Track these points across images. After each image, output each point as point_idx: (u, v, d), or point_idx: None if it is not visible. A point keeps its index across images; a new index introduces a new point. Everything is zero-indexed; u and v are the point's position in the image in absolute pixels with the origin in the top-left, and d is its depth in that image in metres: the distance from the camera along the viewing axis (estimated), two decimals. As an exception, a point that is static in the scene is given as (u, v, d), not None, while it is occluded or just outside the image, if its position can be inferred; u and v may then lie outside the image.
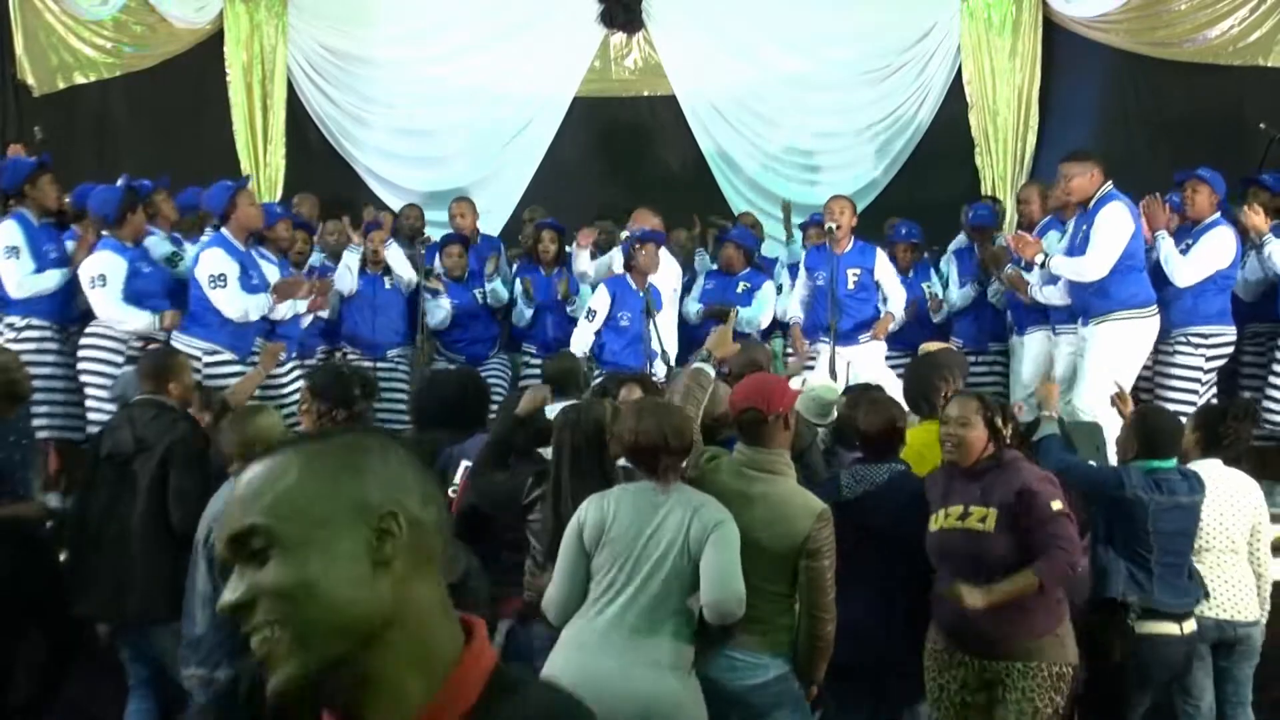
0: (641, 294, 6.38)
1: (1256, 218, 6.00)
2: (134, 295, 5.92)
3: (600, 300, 6.48)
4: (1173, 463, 4.06)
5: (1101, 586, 3.97)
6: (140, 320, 5.86)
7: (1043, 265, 5.88)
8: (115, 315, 5.82)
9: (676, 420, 3.33)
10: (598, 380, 5.37)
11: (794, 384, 4.18)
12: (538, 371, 6.93)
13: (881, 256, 6.94)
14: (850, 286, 6.82)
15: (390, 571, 1.16)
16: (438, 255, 7.33)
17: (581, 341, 6.42)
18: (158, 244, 6.29)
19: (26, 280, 5.87)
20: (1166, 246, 5.89)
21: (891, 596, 3.76)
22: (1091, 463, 4.36)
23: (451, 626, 1.22)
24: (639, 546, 3.17)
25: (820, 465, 4.27)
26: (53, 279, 5.92)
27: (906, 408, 4.33)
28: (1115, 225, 5.65)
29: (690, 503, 3.23)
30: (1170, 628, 3.95)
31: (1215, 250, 5.86)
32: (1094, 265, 5.64)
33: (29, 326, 5.93)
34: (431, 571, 1.21)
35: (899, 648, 3.74)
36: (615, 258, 6.64)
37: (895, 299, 6.91)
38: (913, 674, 3.75)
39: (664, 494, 3.24)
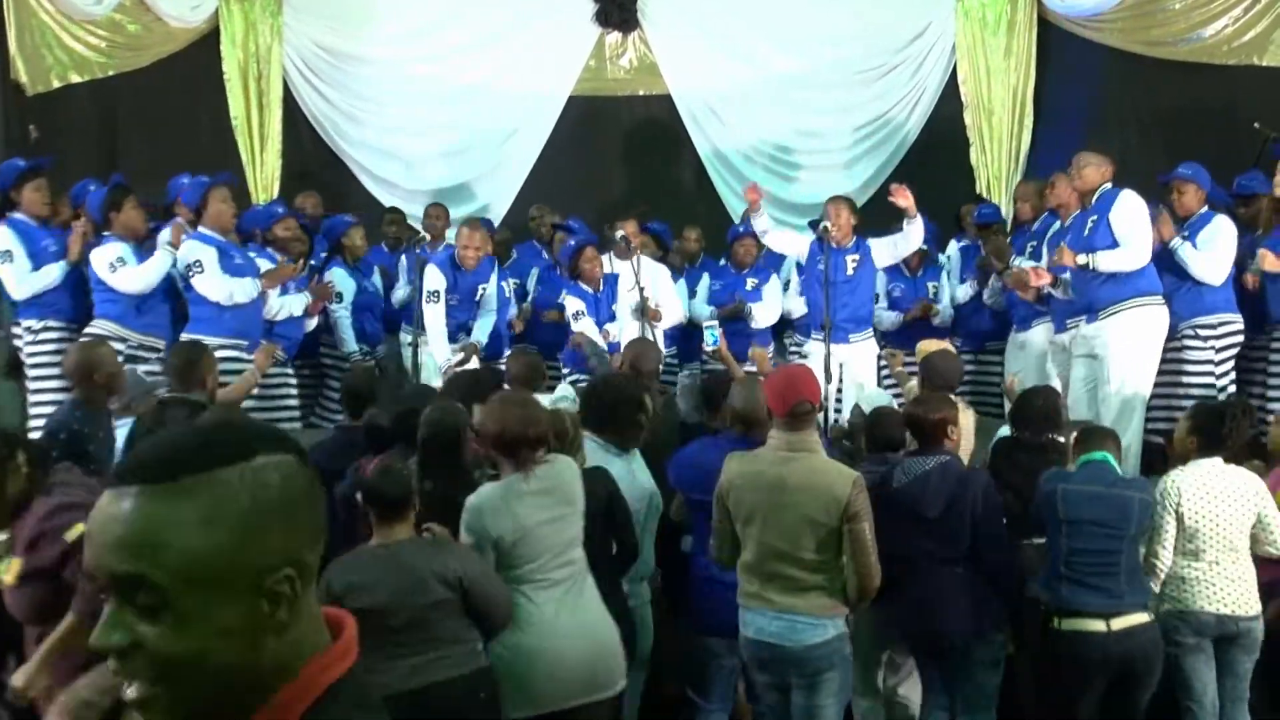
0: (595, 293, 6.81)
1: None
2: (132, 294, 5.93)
3: (575, 303, 6.86)
4: (1101, 455, 4.20)
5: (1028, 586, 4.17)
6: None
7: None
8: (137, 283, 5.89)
9: (535, 413, 3.66)
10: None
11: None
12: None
13: (874, 241, 7.00)
14: (849, 273, 6.86)
15: (280, 631, 1.12)
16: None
17: (592, 333, 6.77)
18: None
19: (26, 280, 5.87)
20: (1187, 252, 5.93)
21: (945, 574, 4.06)
22: None
23: (314, 634, 1.17)
24: (544, 534, 3.55)
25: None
26: (52, 273, 5.93)
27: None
28: (1140, 212, 5.75)
29: (562, 480, 3.63)
30: (1093, 624, 4.01)
31: (1226, 240, 5.95)
32: (1137, 254, 5.73)
33: (46, 328, 5.96)
34: (309, 603, 1.16)
35: (957, 621, 4.05)
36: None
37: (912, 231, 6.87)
38: (972, 645, 4.10)
39: (529, 478, 3.57)
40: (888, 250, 6.94)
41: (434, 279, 6.59)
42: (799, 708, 3.81)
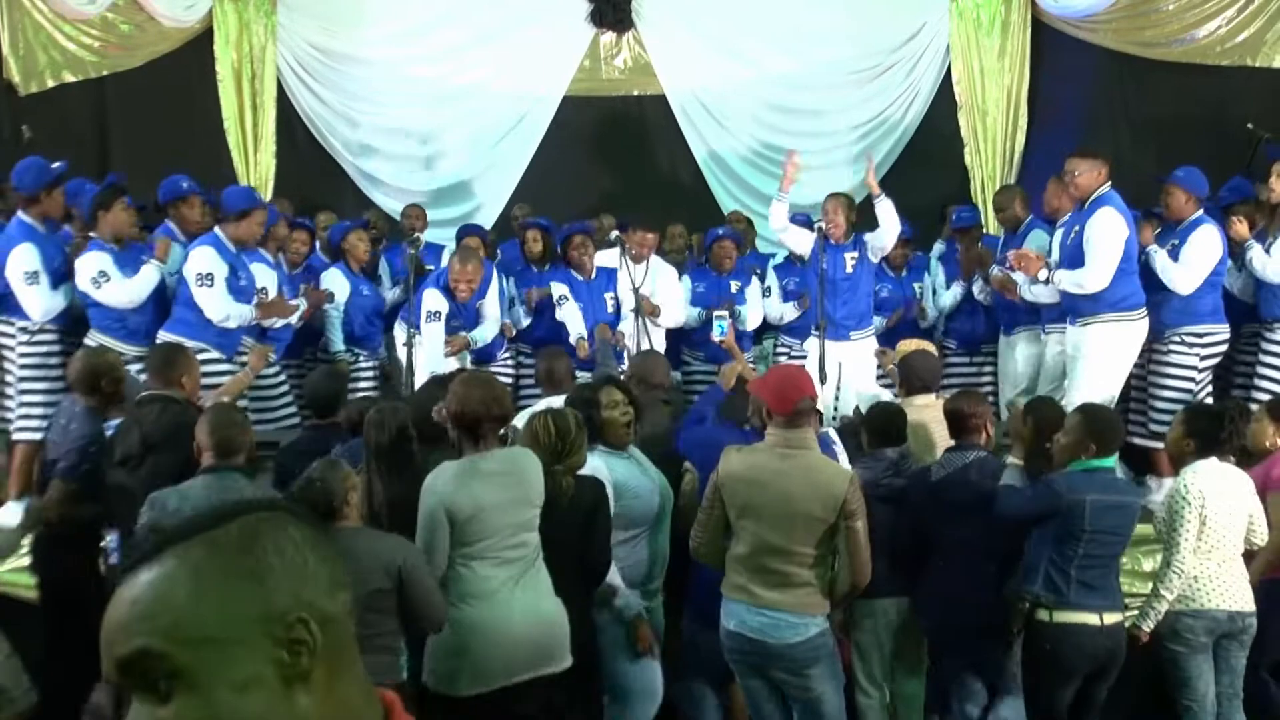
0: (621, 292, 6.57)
1: (1240, 227, 6.08)
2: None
3: (560, 288, 6.86)
4: (1112, 461, 4.17)
5: (1022, 582, 4.16)
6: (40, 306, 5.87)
7: (1047, 281, 5.90)
8: (125, 298, 5.84)
9: (497, 392, 3.74)
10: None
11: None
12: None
13: (869, 235, 6.96)
14: (848, 270, 6.84)
15: (309, 683, 1.06)
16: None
17: (576, 323, 6.70)
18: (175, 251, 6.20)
19: (52, 305, 5.87)
20: (1160, 259, 5.93)
21: (979, 565, 4.22)
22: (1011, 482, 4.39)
23: (372, 711, 1.14)
24: (498, 513, 3.58)
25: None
26: (65, 297, 5.94)
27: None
28: (1110, 233, 5.68)
29: (521, 466, 3.67)
30: (1088, 618, 4.05)
31: (1204, 249, 5.91)
32: (1094, 277, 5.68)
33: (41, 331, 5.94)
34: (351, 662, 1.12)
35: (989, 611, 4.20)
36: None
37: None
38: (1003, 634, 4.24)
39: (487, 459, 3.63)
40: (875, 244, 6.91)
41: (434, 300, 6.43)
42: (800, 704, 3.87)
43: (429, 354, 6.26)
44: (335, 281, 6.90)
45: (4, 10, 8.26)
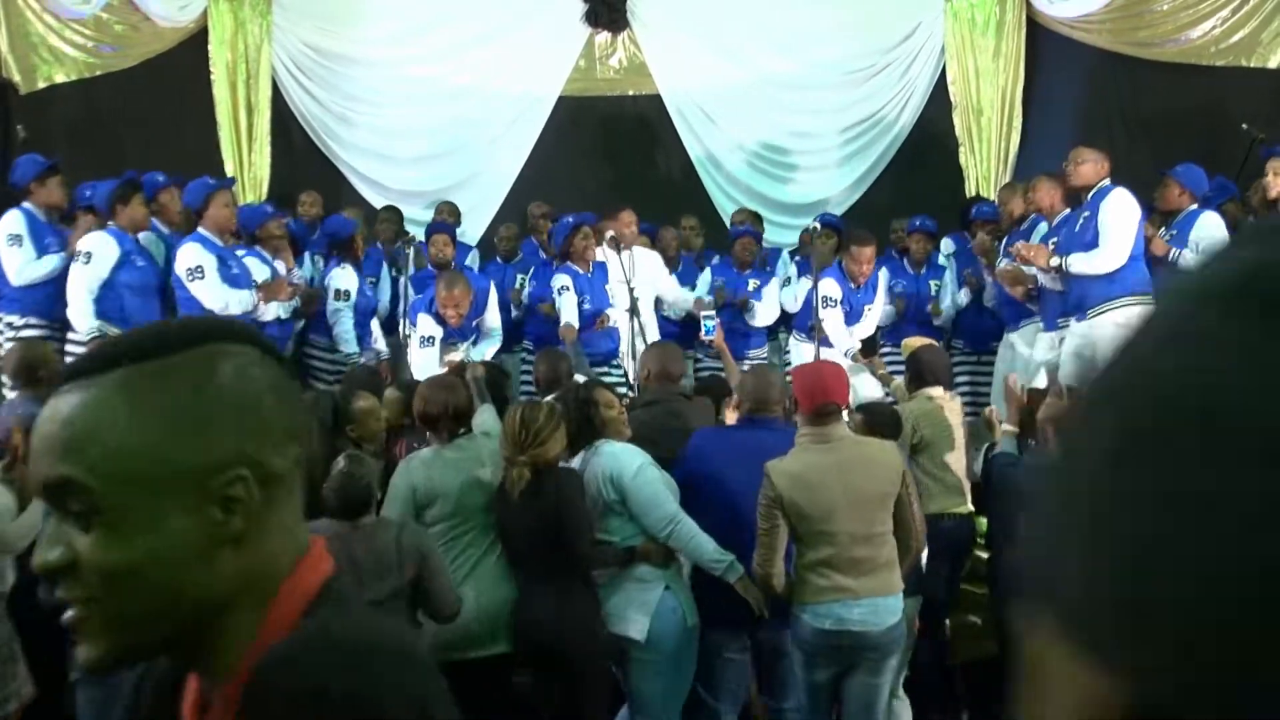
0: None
1: None
2: (120, 285, 5.96)
3: (562, 279, 6.79)
4: None
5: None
6: (84, 320, 5.91)
7: (1059, 269, 5.91)
8: (78, 296, 5.91)
9: (458, 397, 4.20)
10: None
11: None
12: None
13: (881, 281, 7.16)
14: (862, 320, 7.08)
15: (237, 543, 0.98)
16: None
17: (571, 314, 6.68)
18: (153, 241, 6.32)
19: (27, 268, 6.04)
20: (1186, 260, 5.93)
21: None
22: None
23: (294, 544, 1.04)
24: (453, 495, 3.99)
25: None
26: (49, 264, 6.09)
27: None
28: (1125, 212, 5.76)
29: (481, 451, 4.10)
30: None
31: (1216, 234, 5.95)
32: (1111, 256, 5.72)
33: (27, 325, 6.04)
34: (287, 509, 1.03)
35: None
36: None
37: (872, 314, 7.15)
38: None
39: (449, 448, 4.10)
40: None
41: (426, 326, 6.36)
42: (862, 686, 3.87)
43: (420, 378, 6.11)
44: (345, 279, 6.81)
45: (0, 11, 8.25)
